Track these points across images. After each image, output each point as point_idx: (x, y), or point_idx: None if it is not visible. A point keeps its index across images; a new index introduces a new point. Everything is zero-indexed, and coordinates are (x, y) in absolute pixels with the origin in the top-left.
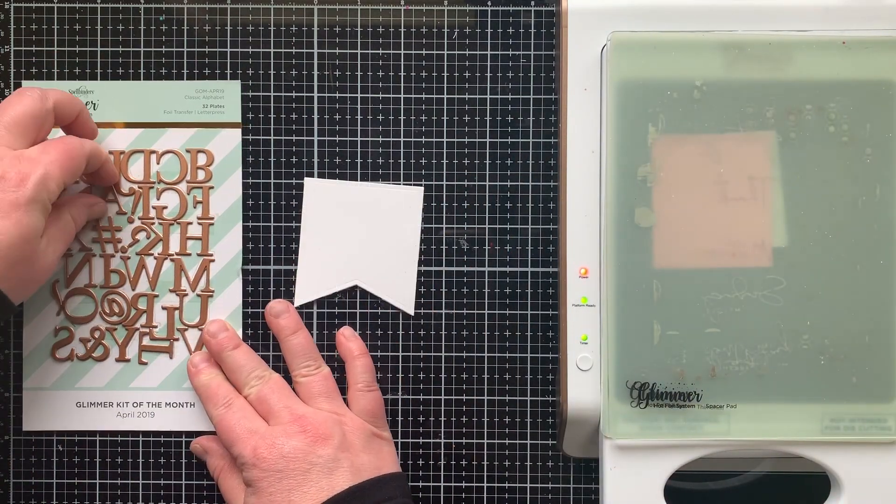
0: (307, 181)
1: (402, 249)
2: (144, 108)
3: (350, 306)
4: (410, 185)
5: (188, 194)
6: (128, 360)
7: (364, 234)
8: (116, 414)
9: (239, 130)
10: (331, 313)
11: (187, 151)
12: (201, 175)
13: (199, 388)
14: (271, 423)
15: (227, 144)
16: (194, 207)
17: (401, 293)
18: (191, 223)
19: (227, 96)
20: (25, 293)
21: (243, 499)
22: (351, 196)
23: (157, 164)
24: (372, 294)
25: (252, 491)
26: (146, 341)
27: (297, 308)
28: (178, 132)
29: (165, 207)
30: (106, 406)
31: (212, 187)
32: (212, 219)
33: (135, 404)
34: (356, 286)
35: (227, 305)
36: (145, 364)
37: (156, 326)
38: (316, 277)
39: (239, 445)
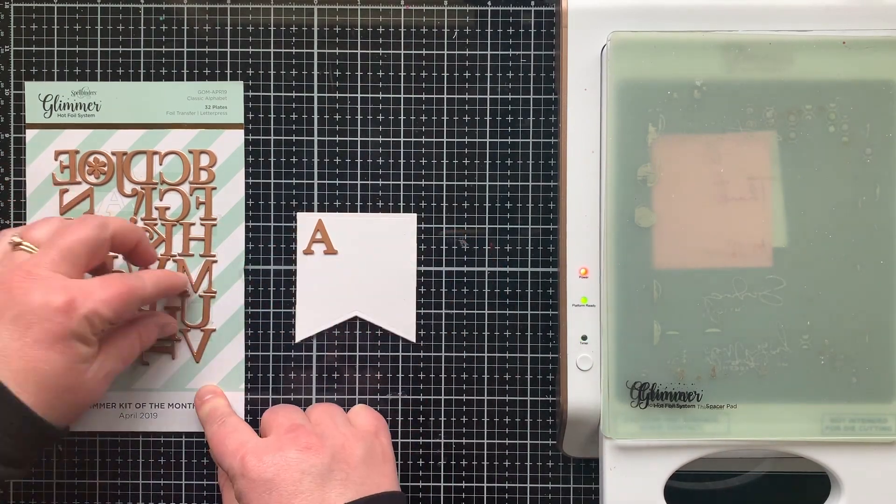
0: (300, 216)
1: (399, 277)
2: (147, 109)
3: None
4: (402, 214)
5: (191, 195)
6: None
7: (360, 265)
8: (119, 415)
9: (242, 131)
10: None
11: (190, 152)
12: (204, 176)
13: (203, 414)
14: (266, 436)
15: (230, 145)
16: (197, 208)
17: (401, 321)
18: (193, 224)
19: (229, 97)
20: (73, 418)
21: None
22: (345, 227)
23: (160, 165)
24: (372, 324)
25: None
26: None
27: (297, 342)
28: (180, 133)
29: (168, 208)
30: (108, 407)
31: (214, 188)
32: (214, 220)
33: (137, 405)
34: (356, 318)
35: (230, 306)
36: (147, 365)
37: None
38: (315, 312)
39: (228, 457)
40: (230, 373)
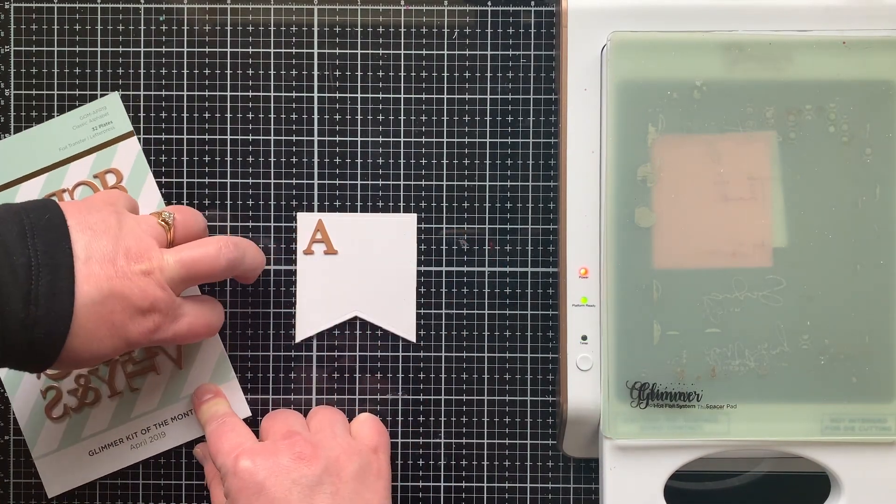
0: (300, 216)
1: (399, 277)
2: (39, 153)
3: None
4: (402, 214)
5: None
6: (120, 393)
7: (360, 265)
8: (130, 447)
9: (135, 138)
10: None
11: (95, 177)
12: None
13: (203, 413)
14: (263, 440)
15: (129, 156)
16: None
17: (401, 321)
18: None
19: (110, 111)
20: (68, 368)
21: None
22: (345, 227)
23: (73, 199)
24: (372, 324)
25: None
26: (129, 368)
27: (297, 342)
28: (80, 163)
29: None
30: (117, 444)
31: None
32: None
33: (143, 431)
34: (356, 318)
35: None
36: (137, 390)
37: (132, 351)
38: (315, 312)
39: (222, 455)
40: (216, 367)
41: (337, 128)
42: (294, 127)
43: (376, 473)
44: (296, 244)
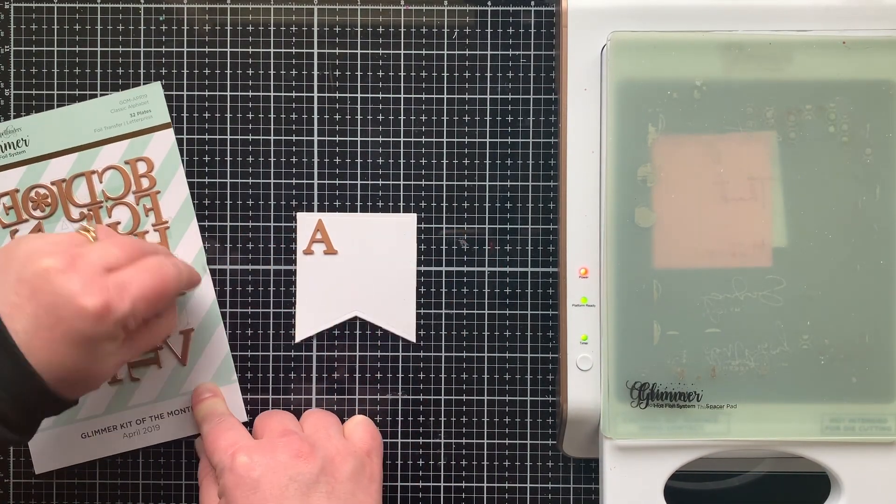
0: (300, 216)
1: (399, 277)
2: (75, 132)
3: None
4: (402, 214)
5: (137, 205)
6: (120, 381)
7: (360, 265)
8: (122, 435)
9: (171, 130)
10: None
11: (126, 163)
12: (146, 183)
13: (200, 412)
14: (258, 438)
15: (163, 147)
16: (147, 216)
17: (401, 321)
18: (147, 232)
19: (150, 100)
20: (81, 394)
21: None
22: (345, 227)
23: (101, 182)
24: (372, 324)
25: (224, 502)
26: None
27: (297, 342)
28: (113, 147)
29: (119, 223)
30: (111, 430)
31: (158, 192)
32: (166, 223)
33: (138, 421)
34: (356, 318)
35: (203, 303)
36: (137, 381)
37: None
38: (315, 312)
39: (219, 452)
40: (219, 368)
41: (337, 128)
42: (294, 127)
43: (369, 476)
44: (296, 244)
